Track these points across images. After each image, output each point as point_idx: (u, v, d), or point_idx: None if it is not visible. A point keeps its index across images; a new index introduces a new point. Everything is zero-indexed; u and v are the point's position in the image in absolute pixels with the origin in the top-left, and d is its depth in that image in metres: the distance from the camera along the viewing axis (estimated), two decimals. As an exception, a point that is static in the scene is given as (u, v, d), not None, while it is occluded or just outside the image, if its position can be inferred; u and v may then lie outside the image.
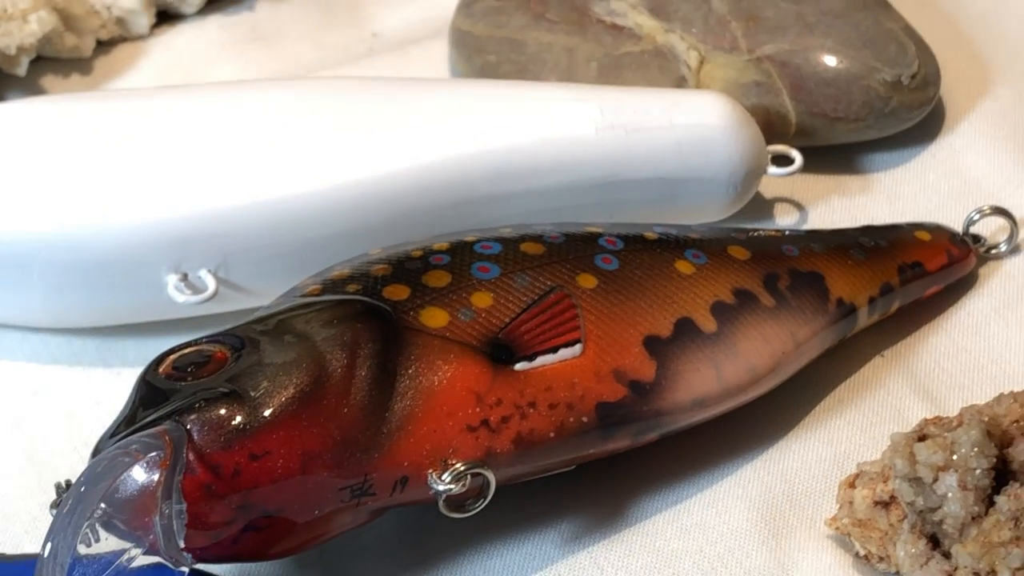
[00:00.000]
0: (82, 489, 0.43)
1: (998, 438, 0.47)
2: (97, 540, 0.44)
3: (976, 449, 0.46)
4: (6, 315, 0.60)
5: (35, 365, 0.60)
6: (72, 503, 0.42)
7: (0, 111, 0.60)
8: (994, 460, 0.46)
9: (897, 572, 0.50)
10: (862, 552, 0.51)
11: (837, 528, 0.52)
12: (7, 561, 0.49)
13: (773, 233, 0.59)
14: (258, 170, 0.58)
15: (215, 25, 0.75)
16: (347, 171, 0.58)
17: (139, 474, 0.44)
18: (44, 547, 0.42)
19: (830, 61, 0.65)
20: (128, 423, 0.46)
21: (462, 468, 0.48)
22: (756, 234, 0.58)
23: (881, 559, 0.51)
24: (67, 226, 0.56)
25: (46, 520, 0.52)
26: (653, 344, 0.52)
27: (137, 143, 0.58)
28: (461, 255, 0.52)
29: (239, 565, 0.51)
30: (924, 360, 0.59)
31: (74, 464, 0.55)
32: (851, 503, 0.51)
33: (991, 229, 0.63)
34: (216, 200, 0.57)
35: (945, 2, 0.76)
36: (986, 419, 0.47)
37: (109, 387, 0.59)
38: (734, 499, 0.54)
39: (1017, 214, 0.63)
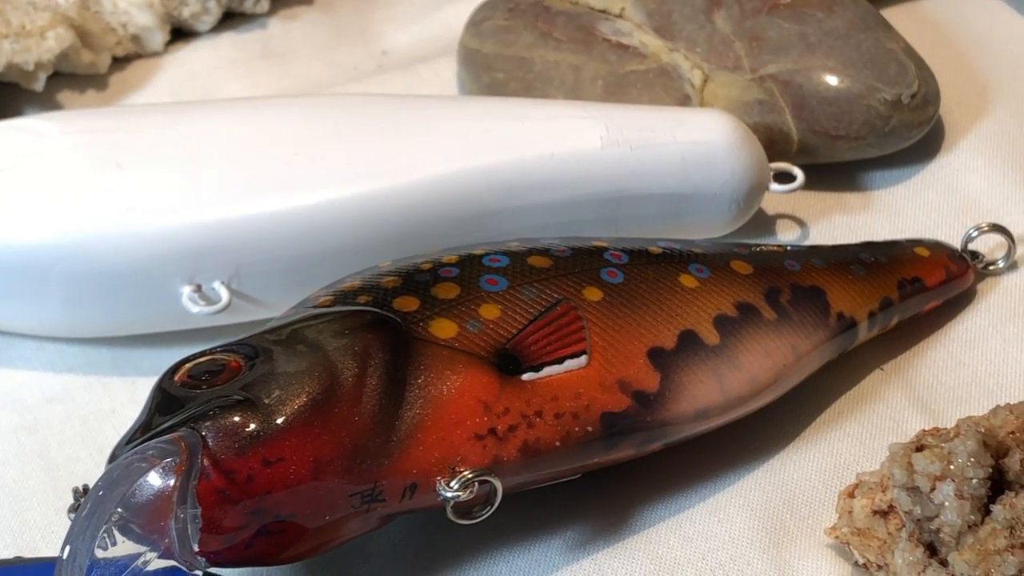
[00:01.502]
0: (100, 493, 0.44)
1: (994, 449, 0.48)
2: (114, 544, 0.45)
3: (972, 459, 0.47)
4: (23, 324, 0.61)
5: (51, 374, 0.61)
6: (90, 507, 0.43)
7: (18, 125, 0.61)
8: (990, 470, 0.47)
9: (895, 580, 0.51)
10: (861, 561, 0.52)
11: (836, 537, 0.52)
12: (25, 564, 0.50)
13: (775, 248, 0.59)
14: (271, 184, 0.59)
15: (228, 43, 0.76)
16: (357, 185, 0.59)
17: (155, 479, 0.45)
18: (63, 550, 0.43)
19: (832, 80, 0.66)
20: (144, 430, 0.47)
21: (470, 476, 0.49)
22: (758, 249, 0.59)
23: (879, 567, 0.51)
24: (84, 238, 0.57)
25: (62, 525, 0.54)
26: (657, 356, 0.53)
27: (152, 157, 0.59)
28: (470, 268, 0.53)
29: (251, 569, 0.52)
30: (923, 374, 0.60)
31: (89, 471, 0.56)
32: (850, 512, 0.52)
33: (989, 246, 0.64)
34: (230, 213, 0.58)
35: (945, 23, 0.77)
36: (983, 430, 0.48)
37: (123, 396, 0.60)
38: (736, 508, 0.55)
39: (1015, 231, 0.64)
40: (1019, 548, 0.46)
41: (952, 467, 0.47)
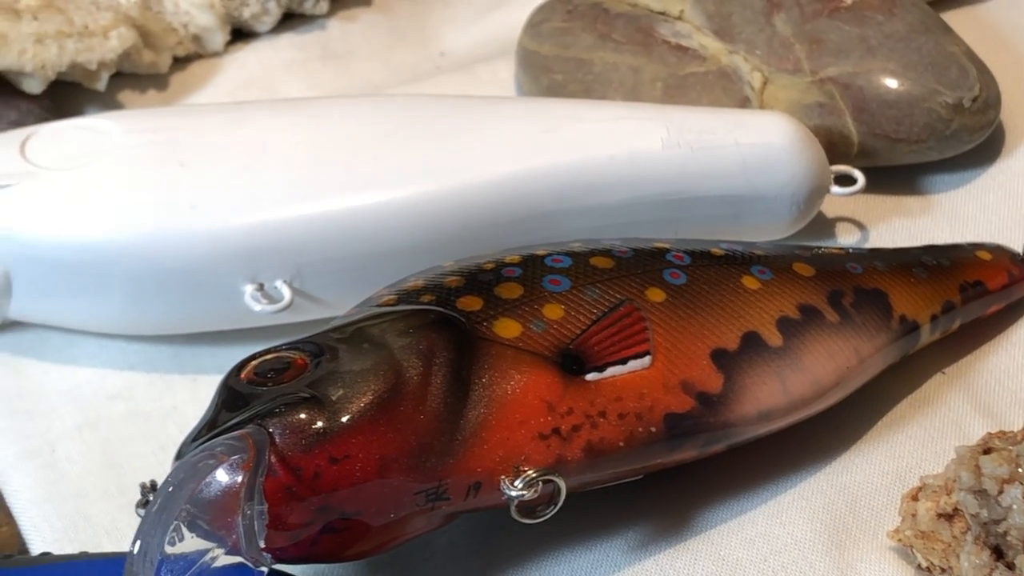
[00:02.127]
0: (170, 490, 0.44)
1: (1062, 452, 0.48)
2: (181, 540, 0.45)
3: (1042, 462, 0.47)
4: (85, 322, 0.61)
5: (113, 371, 0.61)
6: (161, 503, 0.44)
7: (81, 124, 0.62)
8: (1059, 473, 0.47)
9: (959, 584, 0.51)
10: (924, 564, 0.52)
11: (900, 540, 0.52)
12: (91, 559, 0.50)
13: (836, 251, 0.59)
14: (333, 183, 0.59)
15: (287, 43, 0.77)
16: (417, 186, 0.59)
17: (223, 476, 0.45)
18: (134, 545, 0.43)
19: (892, 83, 0.66)
20: (210, 427, 0.47)
21: (534, 475, 0.48)
22: (820, 252, 0.59)
23: (943, 571, 0.51)
24: (148, 236, 0.58)
25: (124, 521, 0.54)
26: (720, 357, 0.53)
27: (214, 156, 0.60)
28: (532, 268, 0.53)
29: (315, 566, 0.52)
30: (985, 378, 0.60)
31: (151, 467, 0.56)
32: (914, 515, 0.52)
33: (1050, 250, 0.64)
34: (292, 212, 0.58)
35: (1005, 27, 0.76)
36: (1051, 433, 0.48)
37: (185, 393, 0.60)
38: (798, 511, 0.55)
39: (1076, 235, 0.64)
40: (1088, 552, 0.46)
41: (1020, 470, 0.47)
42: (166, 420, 0.59)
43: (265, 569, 0.47)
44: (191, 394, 0.60)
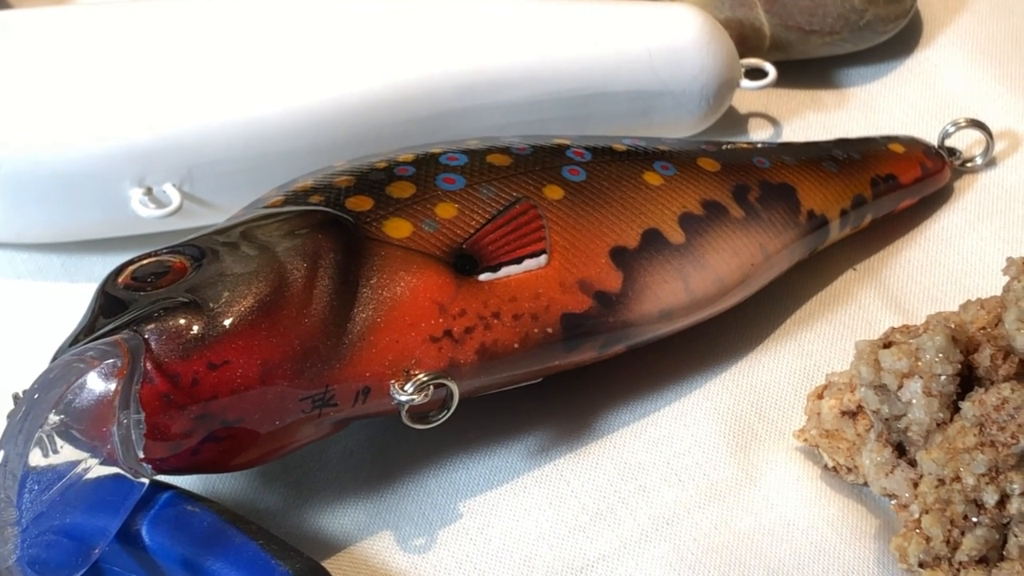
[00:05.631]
0: (35, 396, 0.42)
1: (964, 345, 0.47)
2: (56, 451, 0.43)
3: (941, 355, 0.46)
4: (-31, 230, 0.59)
5: (1, 279, 0.59)
6: (25, 410, 0.42)
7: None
8: (959, 366, 0.46)
9: (865, 483, 0.50)
10: (830, 464, 0.51)
11: (805, 440, 0.51)
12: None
13: (745, 146, 0.58)
14: (222, 84, 0.57)
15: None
16: (313, 87, 0.57)
17: (95, 382, 0.43)
18: (-5, 455, 0.41)
19: (805, -27, 0.65)
20: (87, 332, 0.46)
21: (425, 379, 0.47)
22: (728, 147, 0.57)
23: (849, 470, 0.50)
24: (31, 141, 0.56)
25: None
26: (620, 255, 0.51)
27: (101, 56, 0.58)
28: (426, 166, 0.52)
29: (201, 477, 0.51)
30: (897, 273, 0.59)
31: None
32: (819, 414, 0.51)
33: (967, 142, 0.63)
34: (180, 114, 0.56)
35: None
36: (952, 326, 0.47)
37: (74, 303, 0.58)
38: (702, 412, 0.54)
39: (993, 127, 0.62)
40: (988, 446, 0.45)
41: (920, 363, 0.46)
42: (54, 330, 0.57)
43: (145, 480, 0.46)
44: (80, 304, 0.57)
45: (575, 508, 0.51)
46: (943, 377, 0.46)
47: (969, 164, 0.62)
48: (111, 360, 0.43)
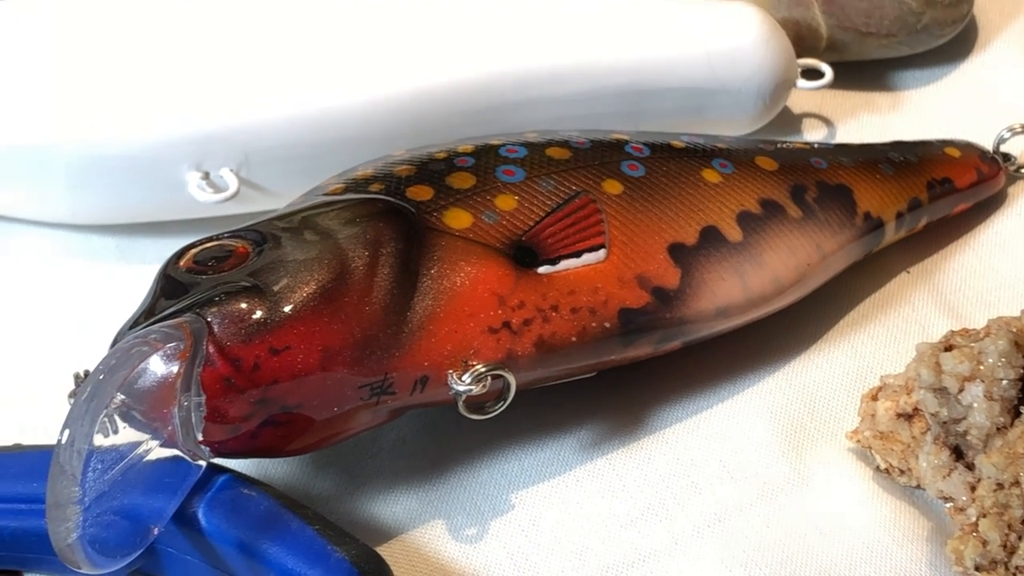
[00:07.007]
0: (100, 377, 0.42)
1: (1024, 350, 0.47)
2: (116, 431, 0.43)
3: (1003, 359, 0.46)
4: (27, 211, 0.59)
5: (55, 260, 0.60)
6: (91, 391, 0.42)
7: (16, 8, 0.60)
8: (1021, 371, 0.46)
9: (918, 485, 0.50)
10: (883, 465, 0.51)
11: (858, 441, 0.51)
12: (24, 451, 0.49)
13: (801, 145, 0.58)
14: (282, 71, 0.57)
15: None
16: (372, 78, 0.57)
17: (158, 365, 0.43)
18: (61, 434, 0.41)
19: (863, -25, 0.64)
20: (148, 315, 0.46)
21: (482, 369, 0.47)
22: (784, 146, 0.57)
23: (902, 472, 0.50)
24: (91, 124, 0.56)
25: (66, 410, 0.53)
26: (678, 251, 0.51)
27: (161, 40, 0.58)
28: (486, 158, 0.52)
29: (256, 462, 0.51)
30: (951, 277, 0.59)
31: (91, 357, 0.55)
32: (873, 416, 0.51)
33: (1022, 148, 0.63)
34: (239, 99, 0.56)
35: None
36: (1014, 330, 0.47)
37: (128, 284, 0.58)
38: (755, 410, 0.54)
39: (1048, 133, 0.62)
40: (1050, 452, 0.45)
41: (982, 367, 0.46)
42: (108, 311, 0.57)
43: (203, 463, 0.46)
44: (134, 286, 0.58)
45: (627, 503, 0.51)
46: (1005, 381, 0.45)
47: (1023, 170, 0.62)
48: (174, 343, 0.44)
